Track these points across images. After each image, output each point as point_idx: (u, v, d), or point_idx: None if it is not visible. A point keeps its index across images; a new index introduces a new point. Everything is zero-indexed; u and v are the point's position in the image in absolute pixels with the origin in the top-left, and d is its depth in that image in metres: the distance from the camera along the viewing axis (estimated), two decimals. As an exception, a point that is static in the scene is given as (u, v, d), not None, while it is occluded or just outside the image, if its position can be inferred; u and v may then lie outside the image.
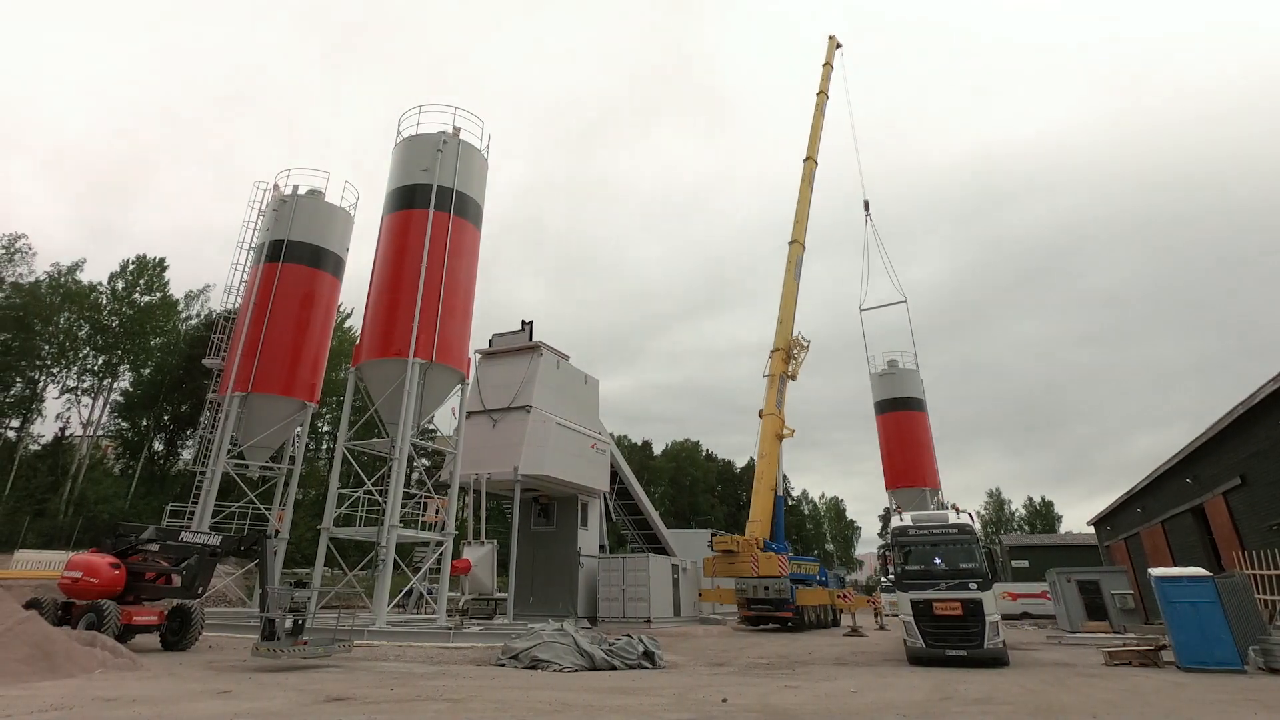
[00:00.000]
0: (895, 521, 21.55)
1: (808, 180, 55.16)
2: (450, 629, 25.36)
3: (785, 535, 43.02)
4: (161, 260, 60.83)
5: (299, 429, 36.32)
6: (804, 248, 51.26)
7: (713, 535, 44.92)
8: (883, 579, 25.19)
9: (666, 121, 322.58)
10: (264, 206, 37.90)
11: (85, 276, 57.17)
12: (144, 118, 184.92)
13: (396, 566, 28.07)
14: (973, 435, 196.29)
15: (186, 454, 57.17)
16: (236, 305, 36.64)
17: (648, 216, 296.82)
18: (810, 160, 56.19)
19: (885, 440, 65.99)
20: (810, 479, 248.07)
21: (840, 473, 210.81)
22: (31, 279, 53.29)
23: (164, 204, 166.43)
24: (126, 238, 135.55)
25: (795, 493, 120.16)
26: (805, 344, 47.00)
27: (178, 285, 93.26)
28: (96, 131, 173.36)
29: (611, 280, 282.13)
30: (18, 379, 51.46)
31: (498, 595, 36.73)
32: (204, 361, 36.67)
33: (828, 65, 61.75)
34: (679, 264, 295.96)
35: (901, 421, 65.21)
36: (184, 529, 22.19)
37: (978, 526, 20.87)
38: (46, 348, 52.71)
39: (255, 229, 37.59)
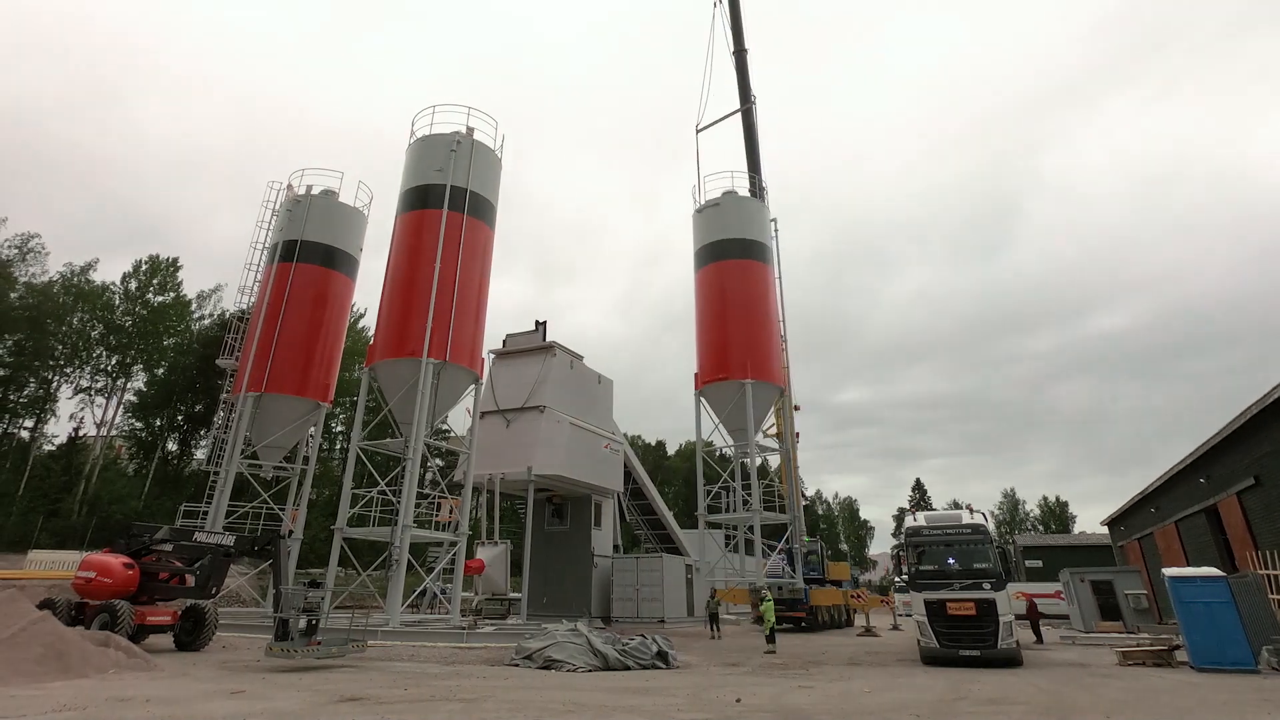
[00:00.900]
0: (909, 522, 21.54)
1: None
2: (464, 629, 25.44)
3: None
4: (174, 260, 61.17)
5: (312, 429, 36.47)
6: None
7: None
8: (896, 579, 25.08)
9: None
10: (277, 206, 38.07)
11: (97, 276, 57.46)
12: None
13: (410, 567, 28.16)
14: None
15: (200, 454, 57.51)
16: (250, 305, 36.79)
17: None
18: (741, 53, 48.28)
19: (703, 308, 42.51)
20: (824, 479, 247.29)
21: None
22: (45, 279, 53.59)
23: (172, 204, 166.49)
24: (139, 237, 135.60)
25: (809, 492, 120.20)
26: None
27: (190, 285, 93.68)
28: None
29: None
30: (31, 379, 51.73)
31: (511, 595, 36.79)
32: (218, 361, 36.86)
33: None
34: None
35: (726, 276, 41.57)
36: (198, 529, 22.36)
37: (991, 527, 20.81)
38: (60, 348, 52.95)
39: (269, 229, 37.77)
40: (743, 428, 39.83)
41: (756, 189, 45.56)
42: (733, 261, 41.74)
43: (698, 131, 48.47)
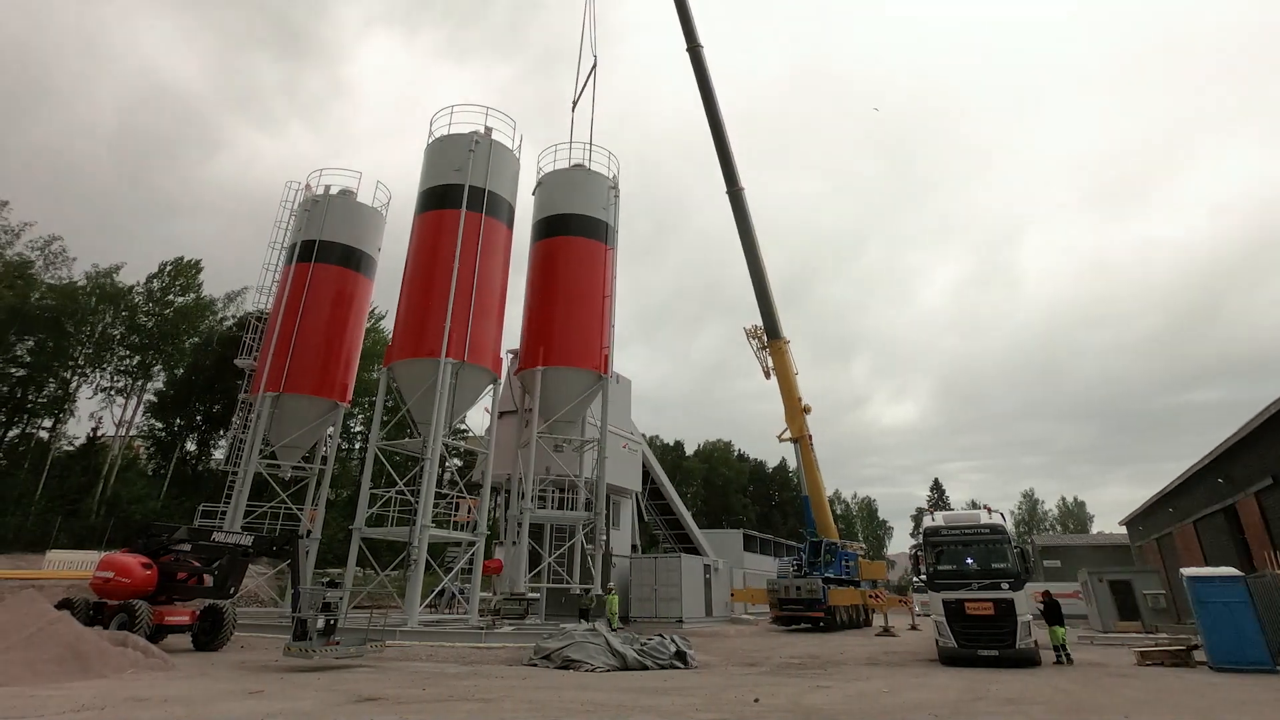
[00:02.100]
0: (927, 522, 21.48)
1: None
2: (482, 629, 25.49)
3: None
4: (197, 262, 61.40)
5: (331, 429, 36.58)
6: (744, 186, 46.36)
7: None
8: (915, 579, 25.10)
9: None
10: (295, 206, 38.25)
11: (122, 279, 57.63)
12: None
13: (428, 566, 28.24)
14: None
15: (219, 454, 57.65)
16: (268, 305, 36.97)
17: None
18: (696, 49, 46.84)
19: (532, 286, 36.53)
20: (839, 479, 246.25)
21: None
22: (67, 280, 53.86)
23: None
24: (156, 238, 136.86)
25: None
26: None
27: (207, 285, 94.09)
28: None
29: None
30: (50, 380, 51.99)
31: (530, 595, 36.83)
32: (236, 361, 36.98)
33: None
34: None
35: (559, 252, 35.94)
36: (216, 529, 22.48)
37: (1010, 526, 20.73)
38: (80, 348, 53.22)
39: (287, 229, 37.95)
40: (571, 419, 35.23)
41: (589, 156, 39.16)
42: (561, 239, 36.27)
43: (574, 106, 44.14)
